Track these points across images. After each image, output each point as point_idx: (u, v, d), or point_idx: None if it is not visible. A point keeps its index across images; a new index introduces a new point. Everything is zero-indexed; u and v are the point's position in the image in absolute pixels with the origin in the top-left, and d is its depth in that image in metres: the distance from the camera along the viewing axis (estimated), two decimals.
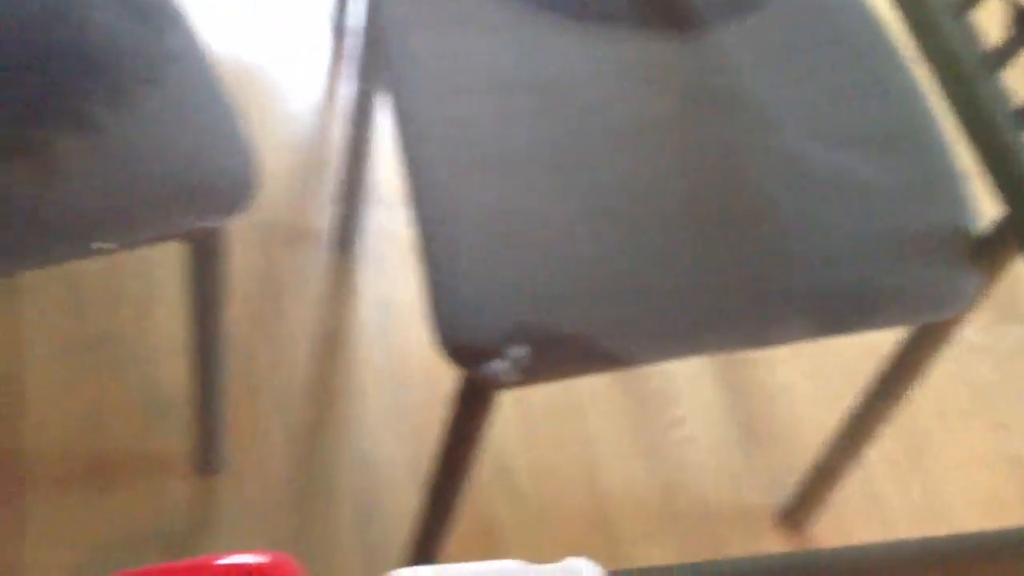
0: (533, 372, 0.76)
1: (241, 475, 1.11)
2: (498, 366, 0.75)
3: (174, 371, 1.11)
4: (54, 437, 1.09)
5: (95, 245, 0.78)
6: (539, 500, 1.14)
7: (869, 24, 0.93)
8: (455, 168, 0.82)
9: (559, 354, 0.77)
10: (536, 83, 0.86)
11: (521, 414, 1.18)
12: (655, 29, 0.90)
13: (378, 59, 1.04)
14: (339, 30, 1.36)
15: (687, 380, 1.22)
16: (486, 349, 0.75)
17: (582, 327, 0.77)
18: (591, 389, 1.20)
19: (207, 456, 1.10)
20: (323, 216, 1.24)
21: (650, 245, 0.80)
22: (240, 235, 0.94)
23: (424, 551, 0.98)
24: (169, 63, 0.80)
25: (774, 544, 1.12)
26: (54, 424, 1.10)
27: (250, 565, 0.42)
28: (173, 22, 0.82)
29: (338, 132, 1.29)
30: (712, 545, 1.11)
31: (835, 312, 0.81)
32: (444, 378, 0.81)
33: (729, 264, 0.80)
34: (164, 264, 1.17)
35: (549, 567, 0.44)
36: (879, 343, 0.93)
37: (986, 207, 0.82)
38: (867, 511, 1.15)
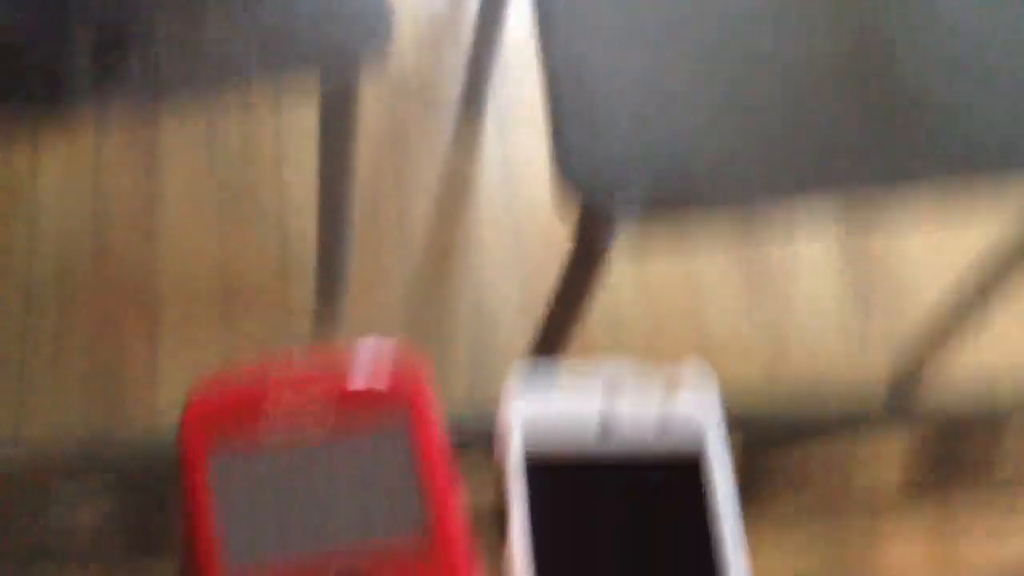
0: (651, 218, 0.77)
1: (361, 321, 1.15)
2: (615, 211, 0.76)
3: (303, 224, 1.14)
4: (186, 278, 1.14)
5: (236, 86, 0.80)
6: (648, 357, 1.15)
7: None
8: (587, 9, 0.82)
9: (677, 198, 0.78)
10: None
11: (636, 279, 1.19)
12: None
13: None
14: None
15: (807, 246, 1.21)
16: (604, 194, 0.76)
17: (701, 170, 0.77)
18: (709, 259, 1.20)
19: (330, 304, 1.14)
20: (453, 78, 1.25)
21: (779, 85, 0.79)
22: (373, 93, 0.96)
23: None
24: None
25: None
26: (186, 266, 1.15)
27: (381, 368, 0.45)
28: None
29: None
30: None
31: (970, 154, 0.79)
32: (562, 235, 0.82)
33: (862, 105, 0.78)
34: (297, 125, 1.20)
35: (665, 367, 0.46)
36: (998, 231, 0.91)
37: None
38: (976, 383, 1.14)
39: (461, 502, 0.42)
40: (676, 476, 0.45)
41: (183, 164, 1.19)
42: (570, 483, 0.45)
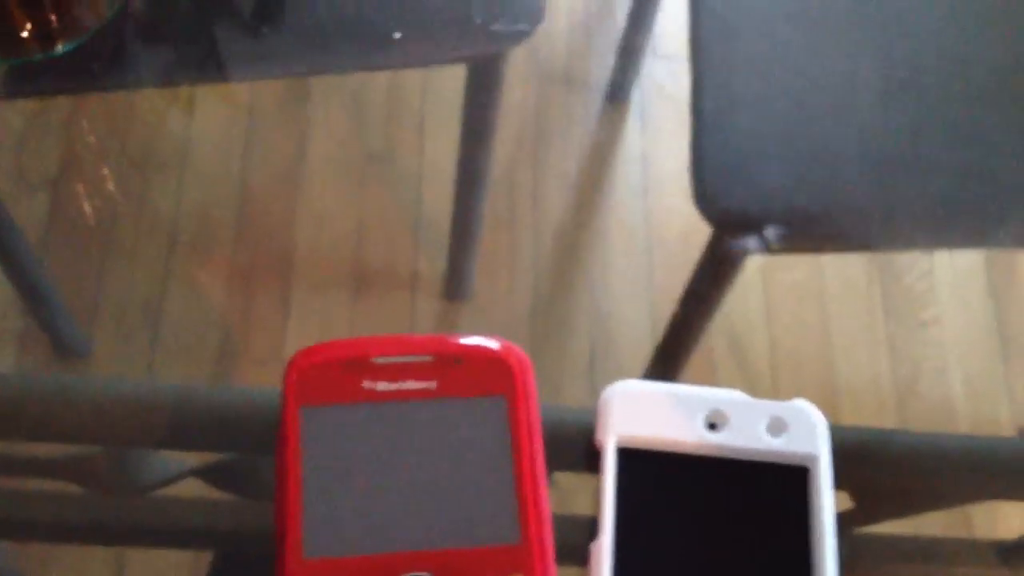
0: (785, 246, 0.76)
1: (483, 305, 1.15)
2: (750, 238, 0.75)
3: (439, 194, 1.15)
4: (321, 240, 1.16)
5: (387, 50, 0.81)
6: (769, 377, 1.13)
7: None
8: (745, 23, 0.80)
9: (814, 230, 0.76)
10: None
11: (764, 289, 1.16)
12: None
13: None
14: None
15: (948, 279, 1.17)
16: (741, 219, 0.75)
17: (846, 205, 0.75)
18: (841, 274, 1.17)
19: (456, 281, 1.15)
20: (601, 63, 1.25)
21: (942, 123, 0.77)
22: (518, 70, 0.96)
23: None
24: None
25: None
26: (323, 227, 1.17)
27: (483, 347, 0.44)
28: None
29: None
30: None
31: None
32: (693, 245, 0.81)
33: None
34: (441, 91, 1.20)
35: (774, 402, 0.44)
36: None
37: None
38: None
39: (548, 503, 0.41)
40: (780, 483, 0.43)
41: (330, 125, 1.21)
42: (665, 474, 0.43)
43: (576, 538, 0.45)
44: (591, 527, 0.44)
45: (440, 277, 1.15)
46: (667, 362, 0.95)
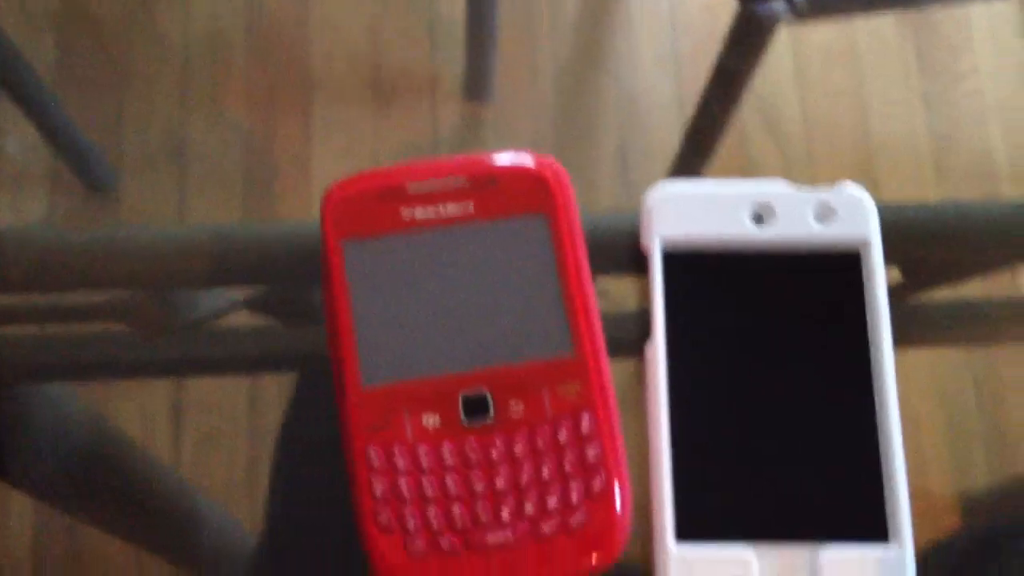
0: (814, 9, 0.73)
1: (507, 105, 1.13)
2: (777, 3, 0.72)
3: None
4: (337, 51, 1.14)
5: None
6: (805, 145, 1.11)
7: None
8: None
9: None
10: None
11: (794, 58, 1.13)
12: None
13: None
14: None
15: (983, 29, 1.13)
16: None
17: None
18: (873, 32, 1.13)
19: (478, 83, 1.13)
20: None
21: None
22: None
23: None
24: None
25: None
26: (338, 38, 1.14)
27: (518, 166, 0.43)
28: None
29: None
30: None
31: None
32: (718, 16, 0.78)
33: None
34: None
35: (821, 189, 0.43)
36: None
37: None
38: None
39: (598, 312, 0.41)
40: (832, 270, 0.43)
41: None
42: (714, 272, 0.43)
43: (627, 333, 0.45)
44: (641, 323, 0.45)
45: (460, 79, 1.12)
46: (699, 140, 0.94)
